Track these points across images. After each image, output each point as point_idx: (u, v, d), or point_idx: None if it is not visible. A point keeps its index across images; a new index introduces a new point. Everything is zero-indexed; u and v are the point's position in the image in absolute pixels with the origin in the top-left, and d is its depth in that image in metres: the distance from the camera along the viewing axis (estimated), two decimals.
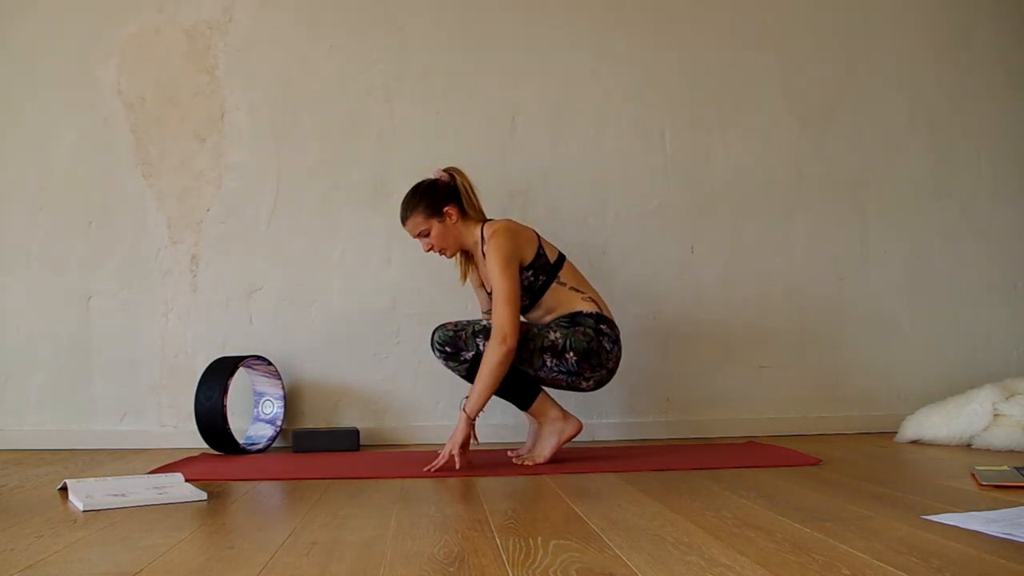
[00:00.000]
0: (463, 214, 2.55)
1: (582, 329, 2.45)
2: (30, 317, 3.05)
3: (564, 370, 2.44)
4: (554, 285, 2.53)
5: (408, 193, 2.56)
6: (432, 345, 2.47)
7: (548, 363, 2.43)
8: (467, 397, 2.36)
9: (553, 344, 2.42)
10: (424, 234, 2.54)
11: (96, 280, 3.06)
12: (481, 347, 2.39)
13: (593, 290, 2.60)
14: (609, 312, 2.57)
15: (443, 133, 3.16)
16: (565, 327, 2.47)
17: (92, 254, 3.07)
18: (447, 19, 3.19)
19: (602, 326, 2.49)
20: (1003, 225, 3.37)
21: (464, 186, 2.56)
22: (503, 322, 2.33)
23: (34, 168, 3.09)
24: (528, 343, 2.41)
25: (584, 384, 2.50)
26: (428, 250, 2.58)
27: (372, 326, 3.09)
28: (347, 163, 3.13)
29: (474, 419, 2.35)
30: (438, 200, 2.52)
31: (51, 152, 3.09)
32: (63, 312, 3.05)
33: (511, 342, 2.32)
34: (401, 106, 3.15)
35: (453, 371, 2.50)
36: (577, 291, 2.54)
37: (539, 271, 2.51)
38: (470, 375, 2.43)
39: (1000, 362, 3.29)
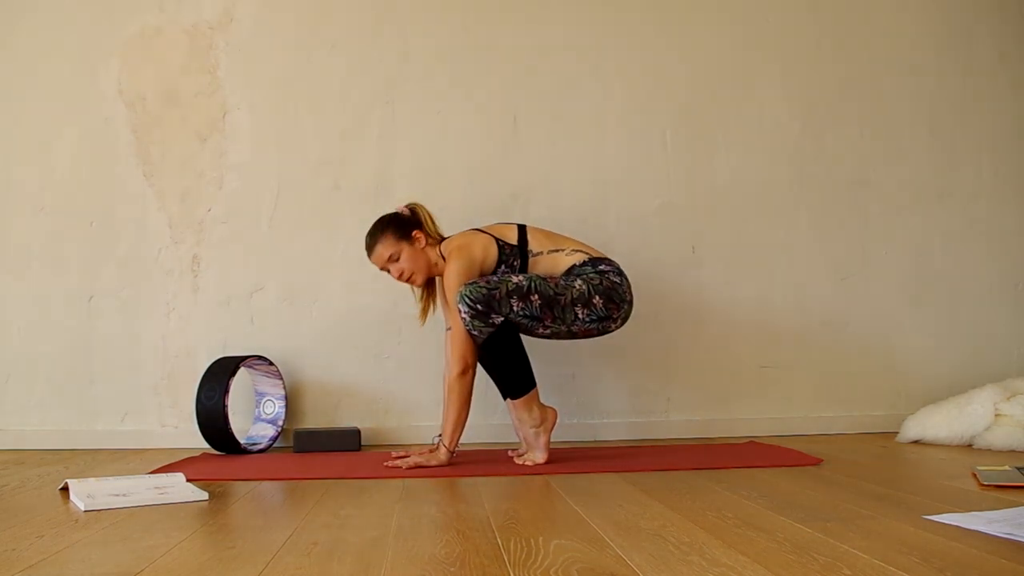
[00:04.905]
0: (429, 240, 2.60)
1: (585, 276, 2.47)
2: (31, 317, 3.05)
3: (595, 317, 2.46)
4: (531, 260, 2.55)
5: (372, 226, 2.59)
6: (462, 299, 2.35)
7: (580, 315, 2.44)
8: (441, 434, 2.43)
9: (581, 294, 2.43)
10: (394, 258, 2.54)
11: (97, 280, 3.07)
12: (516, 308, 2.37)
13: (571, 240, 2.62)
14: (598, 252, 2.60)
15: (444, 133, 3.16)
16: (580, 276, 2.48)
17: (93, 254, 3.07)
18: (448, 19, 3.19)
19: (601, 267, 2.51)
20: (1004, 225, 3.37)
21: (425, 217, 2.62)
22: (466, 352, 2.38)
23: (35, 168, 3.09)
24: (559, 298, 2.41)
25: (613, 326, 2.53)
26: (399, 277, 2.58)
27: (373, 326, 3.09)
28: (348, 163, 3.13)
29: (453, 452, 2.42)
30: (405, 225, 2.58)
31: (52, 152, 3.09)
32: (64, 312, 3.05)
33: (473, 368, 2.40)
34: (402, 106, 3.15)
35: (472, 332, 2.36)
36: (557, 251, 2.56)
37: (511, 259, 2.53)
38: (487, 344, 2.38)
39: (1001, 362, 3.29)
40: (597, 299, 2.44)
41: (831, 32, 3.34)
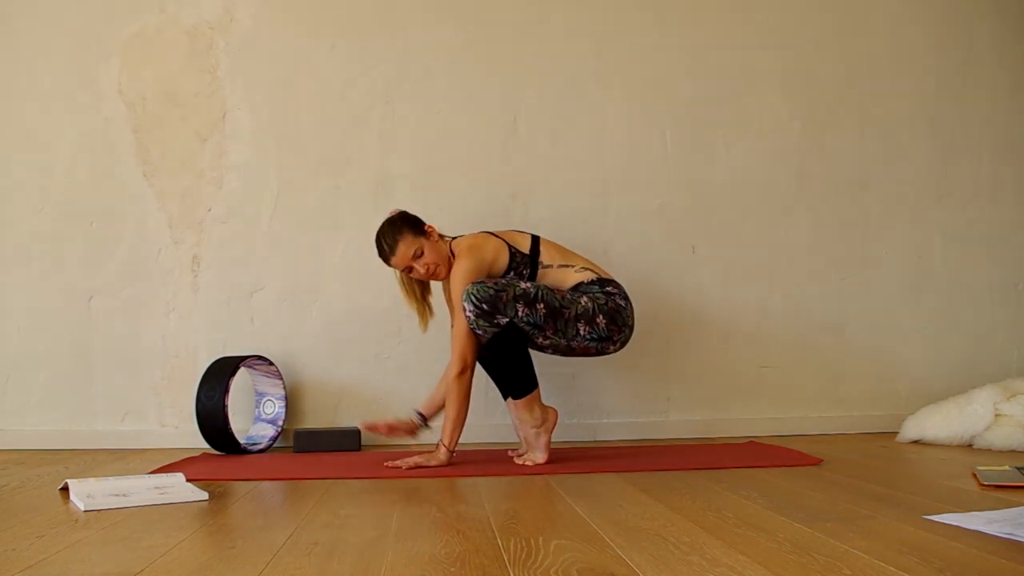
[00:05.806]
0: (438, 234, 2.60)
1: (592, 294, 2.48)
2: (31, 317, 3.05)
3: (595, 336, 2.46)
4: (540, 271, 2.55)
5: (383, 230, 2.54)
6: (468, 297, 2.34)
7: (582, 331, 2.44)
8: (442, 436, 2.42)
9: (586, 310, 2.44)
10: (418, 254, 2.49)
11: (97, 280, 3.06)
12: (520, 313, 2.36)
13: (582, 258, 2.62)
14: (606, 273, 2.61)
15: (444, 133, 3.16)
16: (586, 294, 2.48)
17: (93, 254, 3.07)
18: (448, 19, 3.19)
19: (608, 288, 2.52)
20: (1004, 225, 3.37)
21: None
22: (465, 352, 2.38)
23: (35, 168, 3.09)
24: (564, 311, 2.42)
25: (612, 348, 2.53)
26: (425, 272, 2.52)
27: (373, 326, 3.09)
28: (348, 163, 3.13)
29: (453, 452, 2.42)
30: (416, 222, 2.55)
31: (52, 152, 3.09)
32: (64, 312, 3.05)
33: (472, 368, 2.41)
34: (402, 106, 3.15)
35: (477, 331, 2.36)
36: (567, 266, 2.56)
37: (520, 267, 2.54)
38: (492, 344, 2.38)
39: (1001, 362, 3.29)
40: (600, 319, 2.45)
41: (831, 32, 3.34)
